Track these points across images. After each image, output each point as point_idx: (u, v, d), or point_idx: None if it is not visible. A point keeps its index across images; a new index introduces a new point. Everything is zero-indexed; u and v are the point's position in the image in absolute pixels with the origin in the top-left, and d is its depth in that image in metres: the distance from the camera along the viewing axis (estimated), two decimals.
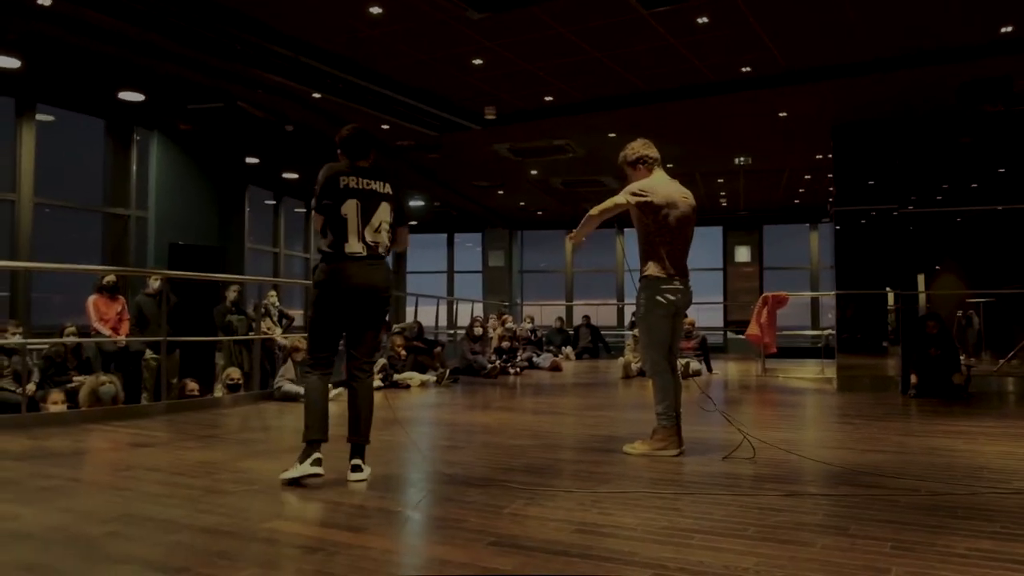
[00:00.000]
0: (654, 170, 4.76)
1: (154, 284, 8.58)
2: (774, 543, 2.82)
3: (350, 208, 3.93)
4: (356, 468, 3.95)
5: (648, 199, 4.56)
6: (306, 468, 3.79)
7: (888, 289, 9.75)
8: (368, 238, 3.93)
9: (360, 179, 3.99)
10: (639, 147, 4.79)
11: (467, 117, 10.55)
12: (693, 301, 4.75)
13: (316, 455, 3.83)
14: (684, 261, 4.67)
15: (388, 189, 4.05)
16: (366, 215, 3.94)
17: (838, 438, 5.45)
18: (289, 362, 7.60)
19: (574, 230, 4.72)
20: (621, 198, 4.58)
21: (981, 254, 12.56)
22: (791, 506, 3.37)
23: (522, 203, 17.79)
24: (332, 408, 4.08)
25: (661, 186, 4.65)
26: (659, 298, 4.57)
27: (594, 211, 4.58)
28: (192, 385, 7.65)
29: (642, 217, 4.59)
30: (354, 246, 3.90)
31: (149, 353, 8.22)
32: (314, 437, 3.87)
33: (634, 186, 4.63)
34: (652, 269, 4.57)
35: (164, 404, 6.71)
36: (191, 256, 10.82)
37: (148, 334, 8.13)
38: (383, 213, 3.98)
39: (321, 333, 3.96)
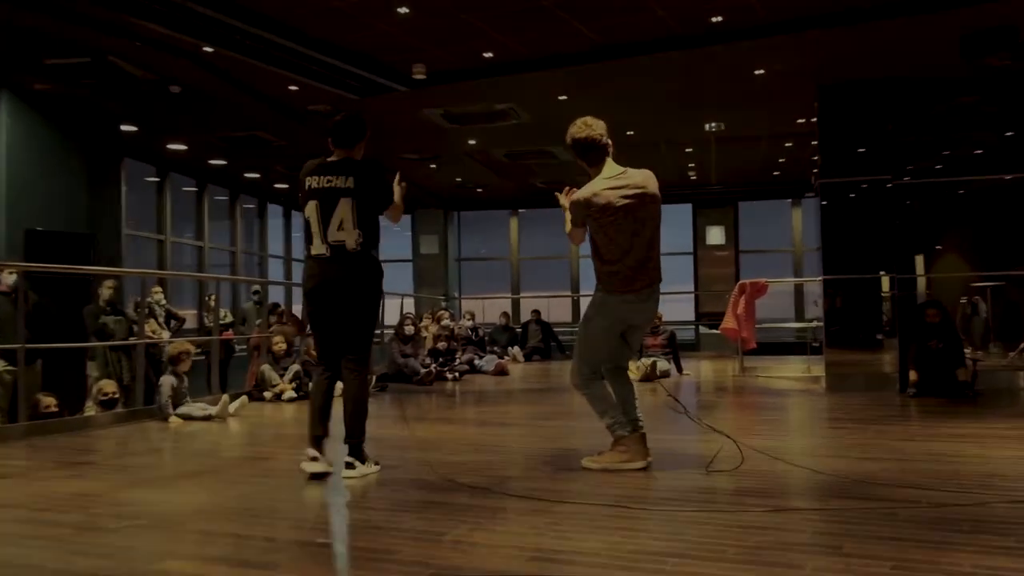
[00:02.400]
0: (604, 162, 4.72)
1: (8, 279, 8.34)
2: (758, 566, 2.89)
3: (311, 211, 4.58)
4: (348, 465, 4.54)
5: (593, 208, 4.54)
6: (304, 465, 4.55)
7: (882, 273, 9.99)
8: (331, 238, 4.54)
9: (322, 177, 4.58)
10: (592, 127, 4.74)
11: (392, 77, 10.48)
12: (661, 292, 4.79)
13: (311, 452, 4.55)
14: (645, 269, 4.61)
15: (349, 183, 4.55)
16: (325, 216, 4.54)
17: (829, 445, 5.59)
18: (169, 376, 7.42)
19: (564, 194, 4.75)
20: (569, 222, 4.71)
21: (987, 231, 12.95)
22: (777, 523, 3.45)
23: (459, 179, 17.75)
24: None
25: (603, 189, 4.59)
26: (609, 307, 4.61)
27: (570, 237, 4.79)
28: (47, 401, 7.35)
29: (592, 225, 4.62)
30: (318, 247, 4.57)
31: (2, 364, 7.98)
32: (310, 433, 4.61)
33: (573, 203, 4.64)
34: (605, 281, 4.62)
35: (23, 426, 6.53)
36: (54, 245, 10.53)
37: (1, 341, 7.90)
38: (343, 211, 4.52)
39: (315, 332, 4.70)
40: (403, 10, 8.57)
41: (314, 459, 4.55)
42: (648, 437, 4.72)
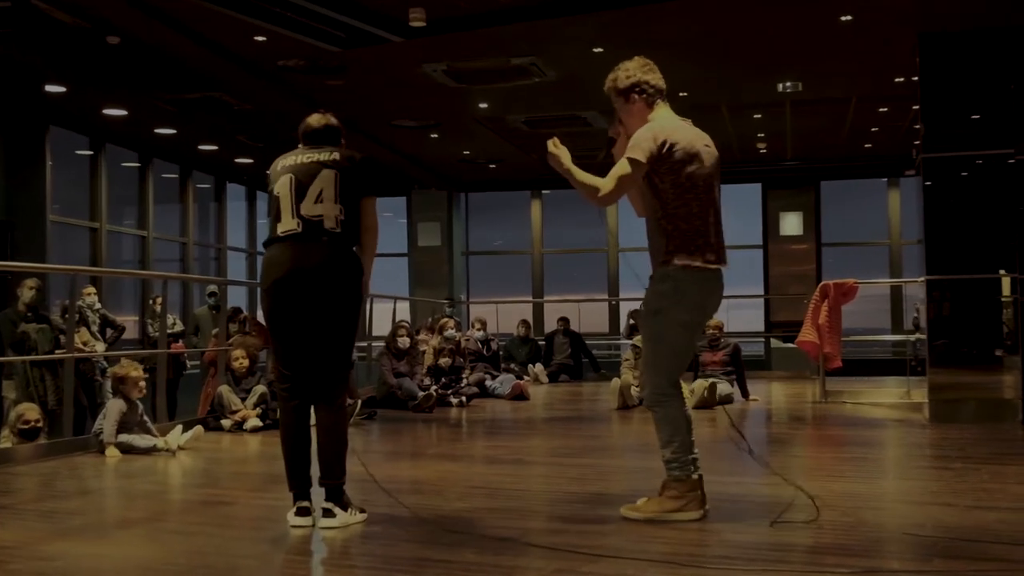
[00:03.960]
0: (656, 105, 4.81)
1: None
2: None
3: (283, 186, 4.61)
4: (326, 513, 4.52)
5: (663, 150, 4.60)
6: (290, 519, 4.52)
7: (1002, 273, 9.93)
8: (304, 212, 4.53)
9: (299, 155, 4.65)
10: (636, 69, 4.83)
11: (384, 25, 10.49)
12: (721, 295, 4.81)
13: (301, 504, 4.53)
14: (723, 240, 4.77)
15: (335, 156, 4.65)
16: (300, 188, 4.58)
17: (931, 490, 5.56)
18: (118, 400, 7.47)
19: (561, 164, 4.66)
20: (625, 167, 4.59)
21: None
22: None
23: (466, 152, 17.74)
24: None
25: (676, 130, 4.70)
26: (689, 296, 4.63)
27: (599, 193, 4.57)
28: None
29: (654, 179, 4.64)
30: (288, 223, 4.56)
31: None
32: (292, 487, 4.58)
33: (640, 137, 4.65)
34: (680, 255, 4.61)
35: None
36: None
37: None
38: (324, 180, 4.57)
39: (276, 343, 4.64)
40: None
41: (303, 511, 4.52)
42: (704, 479, 4.70)
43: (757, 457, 5.77)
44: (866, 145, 17.22)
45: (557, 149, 4.66)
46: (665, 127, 4.69)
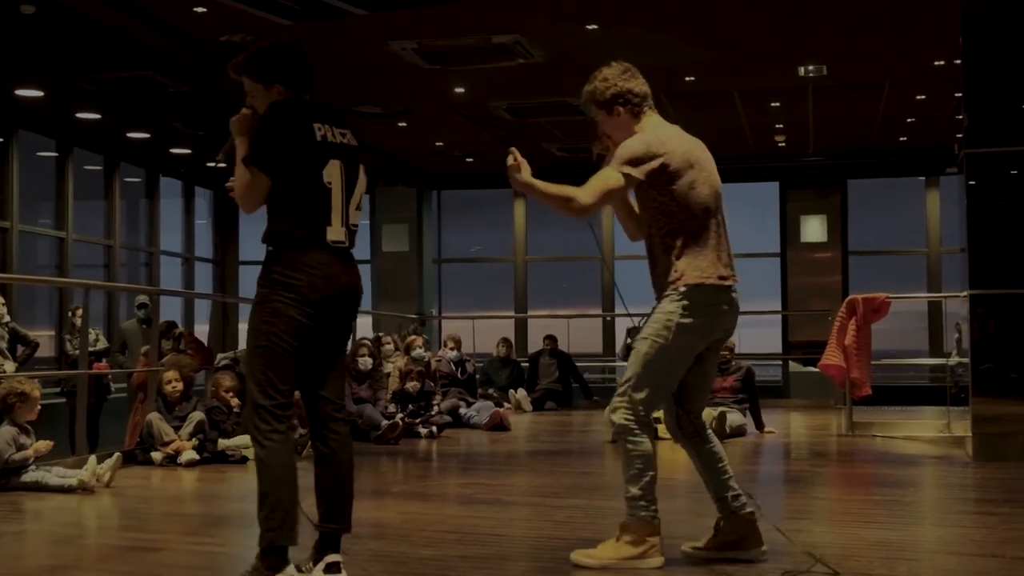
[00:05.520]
0: (644, 113, 4.90)
1: None
2: None
3: (334, 174, 4.45)
4: (333, 569, 4.37)
5: (660, 162, 4.67)
6: None
7: None
8: (351, 220, 4.53)
9: (335, 129, 4.52)
10: (616, 77, 4.92)
11: None
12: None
13: (288, 569, 4.27)
14: (731, 254, 4.87)
15: (355, 143, 4.62)
16: (350, 185, 4.52)
17: (974, 539, 5.56)
18: (8, 426, 7.40)
19: (531, 185, 4.73)
20: (615, 177, 4.69)
21: None
22: None
23: (439, 143, 17.75)
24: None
25: (672, 138, 4.80)
26: (700, 318, 4.68)
27: (578, 203, 4.67)
28: None
29: (652, 193, 4.72)
30: (337, 232, 4.44)
31: None
32: (285, 542, 4.28)
33: (632, 148, 4.72)
34: (691, 272, 4.68)
35: None
36: None
37: None
38: (363, 184, 4.62)
39: (284, 364, 4.37)
40: None
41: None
42: (710, 523, 4.71)
43: (756, 506, 5.76)
44: (900, 138, 17.29)
45: (517, 162, 4.72)
46: (658, 135, 4.79)
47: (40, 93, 13.97)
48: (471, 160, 18.95)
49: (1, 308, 11.21)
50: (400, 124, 16.06)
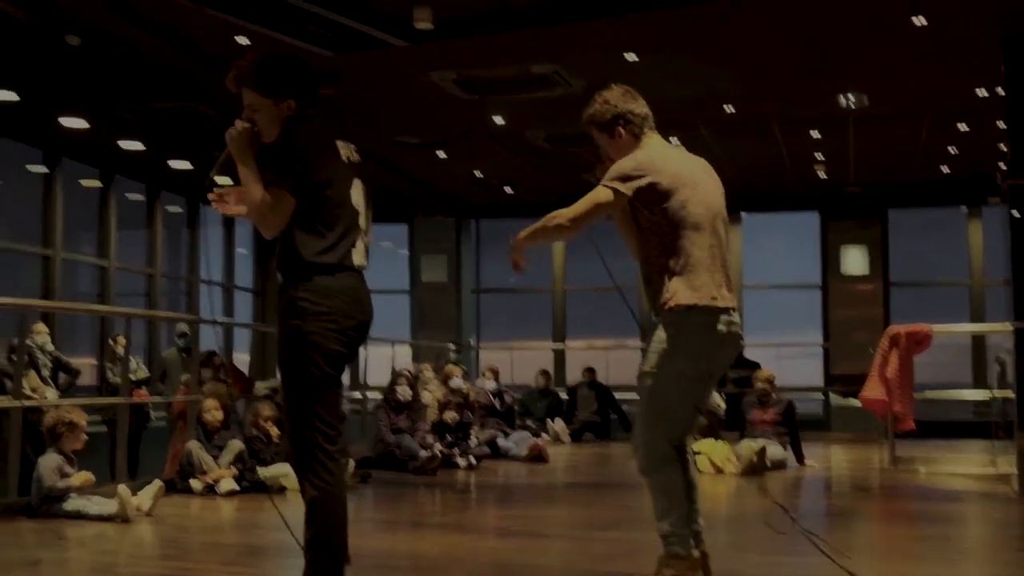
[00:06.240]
0: (644, 134, 4.91)
1: None
2: None
3: (359, 196, 4.41)
4: None
5: (648, 180, 4.66)
6: None
7: None
8: (368, 241, 4.49)
9: (351, 148, 4.45)
10: (616, 99, 4.95)
11: (385, 26, 10.56)
12: (773, 343, 4.84)
13: None
14: (728, 276, 4.81)
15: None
16: (368, 206, 4.49)
17: None
18: (50, 456, 7.44)
19: (520, 237, 4.90)
20: (604, 192, 4.74)
21: None
22: None
23: (478, 173, 17.79)
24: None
25: (664, 158, 4.81)
26: (693, 343, 4.65)
27: (563, 215, 4.79)
28: None
29: (645, 212, 4.72)
30: (361, 255, 4.40)
31: None
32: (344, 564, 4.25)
33: (622, 166, 4.76)
34: (683, 293, 4.65)
35: None
36: None
37: None
38: (369, 207, 4.54)
39: (328, 396, 4.29)
40: None
41: None
42: (754, 559, 4.67)
43: (803, 530, 5.70)
44: (942, 168, 17.19)
45: (513, 257, 4.98)
46: (650, 154, 4.81)
47: (85, 123, 14.10)
48: (509, 190, 18.98)
49: (44, 336, 11.28)
50: (439, 154, 16.11)
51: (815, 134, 15.09)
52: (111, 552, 6.30)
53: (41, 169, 15.43)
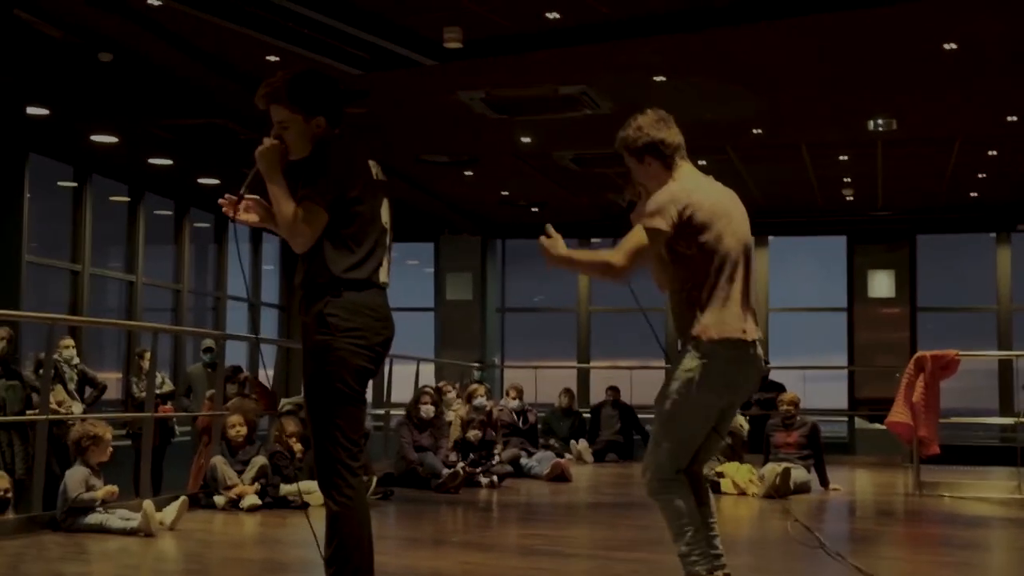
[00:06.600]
0: (676, 164, 4.87)
1: None
2: None
3: (386, 214, 4.37)
4: None
5: (685, 215, 4.66)
6: None
7: None
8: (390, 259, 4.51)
9: (379, 168, 4.60)
10: (649, 127, 4.90)
11: (414, 45, 10.60)
12: (798, 365, 4.84)
13: None
14: (753, 310, 4.82)
15: None
16: (392, 224, 4.54)
17: None
18: (77, 469, 7.48)
19: (564, 257, 4.80)
20: (646, 235, 4.72)
21: None
22: None
23: (505, 192, 17.81)
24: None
25: (699, 190, 4.77)
26: (720, 375, 4.66)
27: (612, 270, 4.81)
28: None
29: (680, 245, 4.71)
30: (386, 272, 4.43)
31: None
32: None
33: (659, 202, 4.72)
34: (714, 326, 4.65)
35: None
36: None
37: None
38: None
39: (353, 413, 4.27)
40: None
41: None
42: None
43: (832, 553, 5.68)
44: (971, 194, 17.13)
45: (551, 239, 4.76)
46: (686, 187, 4.76)
47: (115, 139, 14.19)
48: (536, 209, 18.98)
49: (71, 350, 11.34)
50: (466, 173, 16.14)
51: (843, 158, 15.06)
52: (134, 567, 6.32)
53: (71, 184, 15.52)
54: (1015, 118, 12.26)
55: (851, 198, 17.53)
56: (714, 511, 4.79)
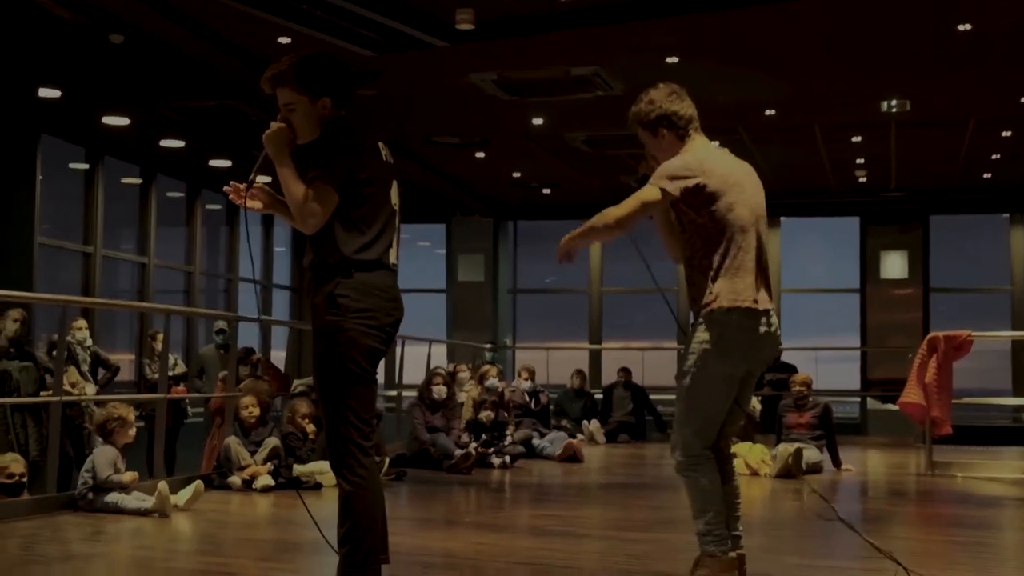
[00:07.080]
0: (689, 136, 4.89)
1: None
2: None
3: (396, 196, 4.47)
4: None
5: (696, 182, 4.65)
6: None
7: None
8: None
9: (388, 150, 4.48)
10: (662, 99, 4.93)
11: (426, 27, 10.59)
12: (810, 346, 4.84)
13: None
14: (768, 279, 4.83)
15: None
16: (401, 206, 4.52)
17: None
18: (105, 449, 7.53)
19: (569, 237, 4.84)
20: (651, 190, 4.72)
21: None
22: None
23: (517, 174, 17.81)
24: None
25: (711, 160, 4.79)
26: (736, 344, 4.66)
27: (611, 216, 4.75)
28: None
29: (690, 214, 4.71)
30: (395, 253, 4.45)
31: None
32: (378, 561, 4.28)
33: (671, 166, 4.74)
34: (726, 295, 4.66)
35: None
36: None
37: None
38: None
39: (364, 393, 4.30)
40: None
41: None
42: (791, 561, 4.67)
43: (851, 526, 5.67)
44: (984, 175, 17.10)
45: (563, 251, 4.85)
46: (698, 156, 4.78)
47: (126, 121, 14.19)
48: (548, 191, 19.00)
49: (84, 332, 11.36)
50: (478, 155, 16.14)
51: (856, 139, 15.03)
52: (148, 547, 6.35)
53: (83, 166, 15.55)
54: None
55: (864, 179, 17.52)
56: (738, 489, 4.84)
